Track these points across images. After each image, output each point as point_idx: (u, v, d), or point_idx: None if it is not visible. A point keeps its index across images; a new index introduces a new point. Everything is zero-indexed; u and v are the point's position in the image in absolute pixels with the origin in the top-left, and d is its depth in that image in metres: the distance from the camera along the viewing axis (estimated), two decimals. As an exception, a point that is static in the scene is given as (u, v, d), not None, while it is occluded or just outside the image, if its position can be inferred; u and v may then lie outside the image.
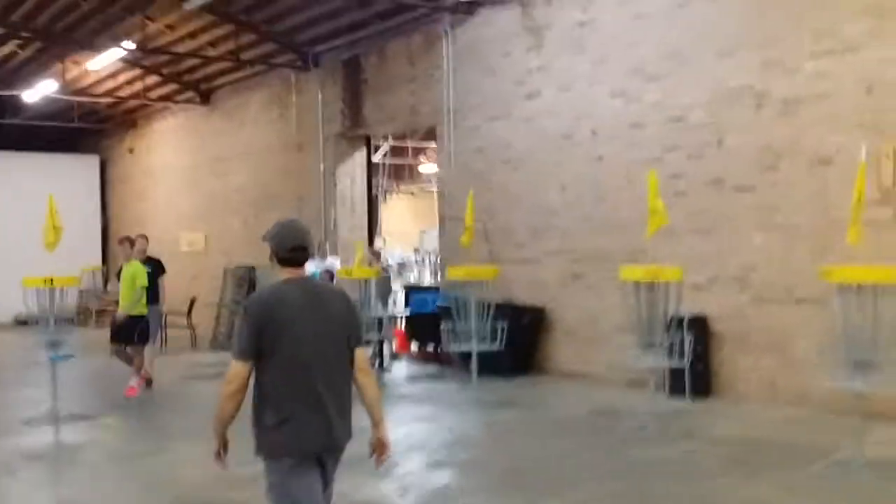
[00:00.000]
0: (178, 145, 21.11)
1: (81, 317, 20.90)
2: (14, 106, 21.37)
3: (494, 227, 12.16)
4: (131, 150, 23.15)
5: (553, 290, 11.39)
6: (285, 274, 3.81)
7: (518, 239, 11.96)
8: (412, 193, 28.65)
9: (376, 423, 3.91)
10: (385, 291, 12.33)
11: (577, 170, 11.09)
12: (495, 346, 9.55)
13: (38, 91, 19.02)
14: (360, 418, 3.85)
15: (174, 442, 8.04)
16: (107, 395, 10.15)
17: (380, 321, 11.30)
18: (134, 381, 10.14)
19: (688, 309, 8.28)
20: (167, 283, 11.90)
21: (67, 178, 23.17)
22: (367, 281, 11.48)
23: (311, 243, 3.94)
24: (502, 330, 9.58)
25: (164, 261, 11.97)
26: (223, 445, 3.82)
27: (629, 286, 8.28)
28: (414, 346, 13.54)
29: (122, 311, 10.29)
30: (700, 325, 9.26)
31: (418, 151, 23.41)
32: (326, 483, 3.80)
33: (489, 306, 9.75)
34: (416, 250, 23.59)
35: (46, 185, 23.16)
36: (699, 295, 9.27)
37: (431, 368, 12.50)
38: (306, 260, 3.87)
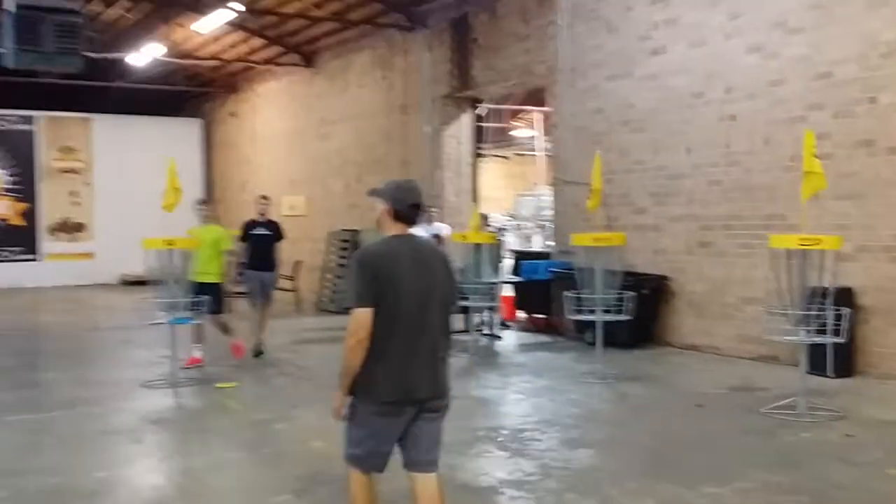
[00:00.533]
0: (281, 109, 21.05)
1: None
2: (119, 69, 21.63)
3: (612, 191, 11.60)
4: (233, 114, 23.25)
5: (676, 258, 10.82)
6: (395, 230, 3.92)
7: (639, 204, 11.39)
8: (506, 157, 28.16)
9: None
10: (496, 257, 11.92)
11: (706, 131, 10.43)
12: (622, 316, 9.06)
13: (145, 54, 19.16)
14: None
15: (296, 409, 7.83)
16: (222, 360, 10.05)
17: (491, 287, 10.88)
18: (236, 340, 10.11)
19: (833, 280, 7.65)
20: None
21: (170, 141, 23.42)
22: (478, 246, 11.09)
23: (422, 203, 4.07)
24: (629, 299, 9.08)
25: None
26: (343, 403, 3.89)
27: (768, 255, 7.69)
28: (522, 314, 13.15)
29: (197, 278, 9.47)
30: (845, 298, 8.58)
31: (514, 114, 22.86)
32: (421, 429, 3.89)
33: (615, 274, 9.26)
34: (512, 216, 23.04)
35: (149, 147, 23.61)
36: (845, 265, 8.57)
37: (542, 337, 12.10)
38: (417, 219, 4.01)
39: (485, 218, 13.66)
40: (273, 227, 10.93)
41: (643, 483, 5.53)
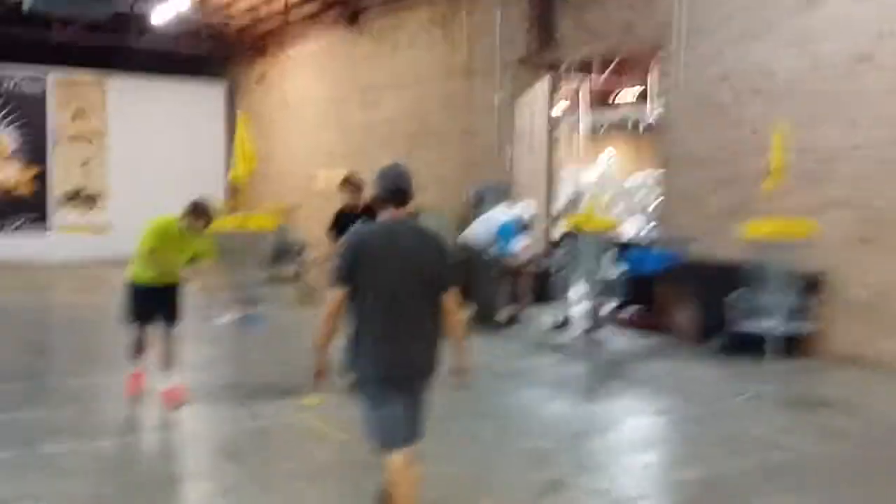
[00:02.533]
0: (318, 73, 19.22)
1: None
2: (140, 27, 19.79)
3: (740, 171, 9.90)
4: (261, 79, 21.40)
5: (832, 253, 9.10)
6: (386, 215, 4.10)
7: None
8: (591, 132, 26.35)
9: (458, 353, 4.25)
10: (612, 247, 10.22)
11: (873, 102, 8.70)
12: (803, 327, 7.37)
13: (170, 9, 17.35)
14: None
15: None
16: (290, 365, 8.36)
17: (611, 281, 9.15)
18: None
19: None
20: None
21: (192, 106, 21.70)
22: (594, 234, 9.38)
23: (411, 188, 4.13)
24: (804, 304, 7.38)
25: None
26: (322, 368, 4.16)
27: None
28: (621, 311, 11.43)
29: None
30: None
31: (604, 82, 21.15)
32: (415, 403, 4.13)
33: (788, 274, 7.56)
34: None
35: (169, 112, 21.79)
36: None
37: (646, 340, 10.41)
38: (406, 201, 4.11)
39: (574, 201, 11.99)
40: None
41: None
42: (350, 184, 7.81)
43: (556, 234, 13.95)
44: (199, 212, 6.92)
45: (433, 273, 4.07)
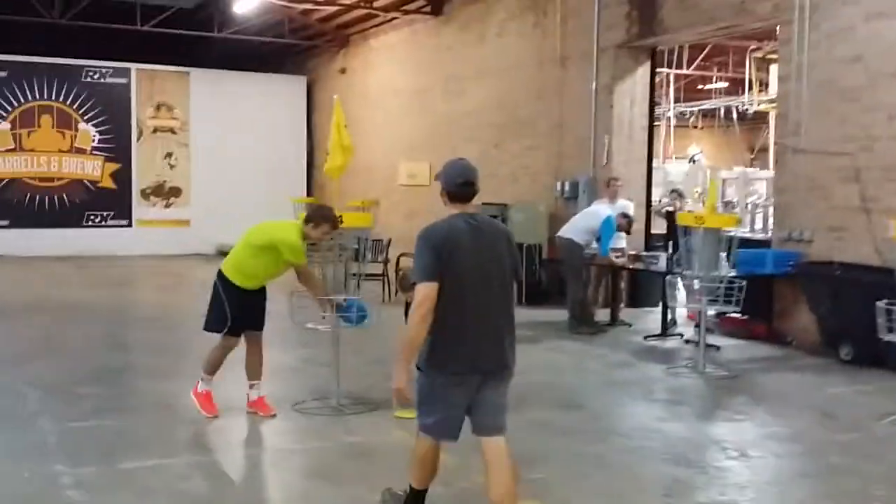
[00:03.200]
0: (400, 64, 18.67)
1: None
2: (222, 19, 19.56)
3: (873, 163, 8.96)
4: (343, 71, 20.95)
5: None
6: (453, 209, 4.07)
7: (916, 181, 8.71)
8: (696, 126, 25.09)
9: None
10: (730, 245, 9.35)
11: None
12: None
13: (252, 1, 17.01)
14: None
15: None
16: (387, 369, 7.79)
17: (731, 283, 8.27)
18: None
19: None
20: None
21: (273, 100, 21.42)
22: (689, 231, 8.53)
23: (478, 181, 4.11)
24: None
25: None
26: (403, 383, 3.99)
27: None
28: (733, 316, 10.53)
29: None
30: None
31: (703, 69, 20.21)
32: (486, 396, 4.03)
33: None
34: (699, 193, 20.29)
35: (250, 106, 21.52)
36: None
37: (760, 347, 9.54)
38: (472, 196, 4.08)
39: (678, 194, 11.16)
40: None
41: None
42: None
43: (656, 230, 13.14)
44: (326, 218, 6.27)
45: (507, 266, 4.08)
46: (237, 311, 6.27)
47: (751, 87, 23.33)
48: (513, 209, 13.43)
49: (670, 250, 10.11)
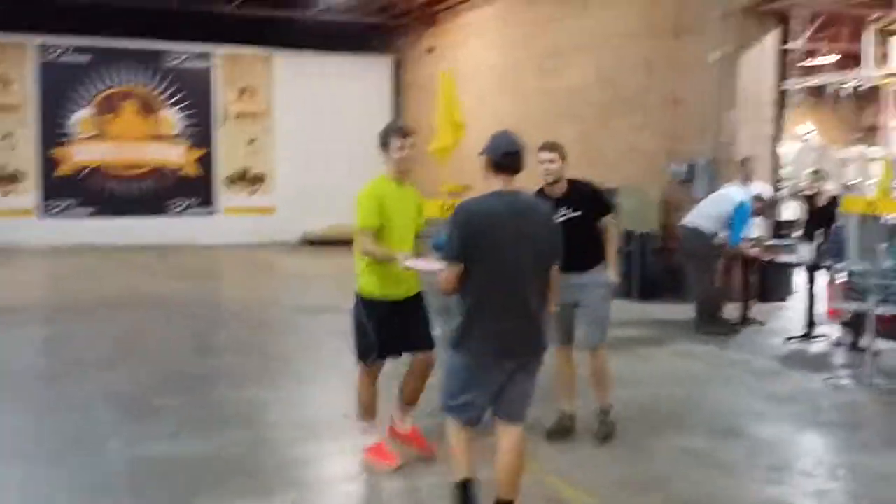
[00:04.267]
0: (491, 40, 17.58)
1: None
2: (304, 1, 18.77)
3: None
4: (431, 50, 19.96)
5: None
6: (497, 184, 3.86)
7: None
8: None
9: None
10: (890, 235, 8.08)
11: None
12: None
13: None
14: None
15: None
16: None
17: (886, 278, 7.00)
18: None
19: None
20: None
21: (358, 82, 20.58)
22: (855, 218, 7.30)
23: (524, 156, 3.89)
24: None
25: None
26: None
27: None
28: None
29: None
30: None
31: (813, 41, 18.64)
32: (515, 383, 3.90)
33: None
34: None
35: (335, 89, 20.67)
36: None
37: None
38: (519, 169, 3.86)
39: (820, 176, 9.86)
40: None
41: None
42: None
43: (788, 215, 11.84)
44: (387, 132, 4.88)
45: (545, 249, 3.91)
46: (385, 332, 4.92)
47: (865, 62, 21.54)
48: (621, 194, 12.25)
49: (815, 239, 8.89)
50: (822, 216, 9.26)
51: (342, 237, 19.54)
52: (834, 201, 9.31)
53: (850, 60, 23.12)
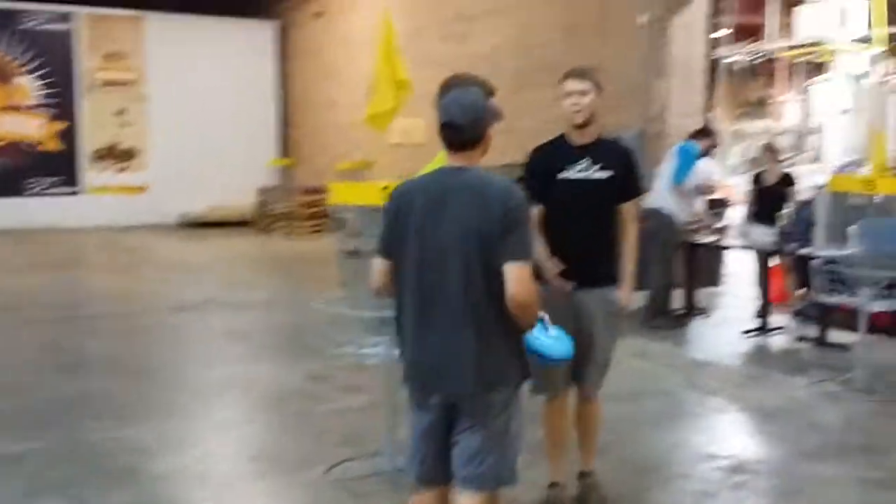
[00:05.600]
0: (389, 3, 16.16)
1: (262, 222, 16.89)
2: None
3: None
4: (319, 14, 18.39)
5: None
6: (448, 159, 2.95)
7: None
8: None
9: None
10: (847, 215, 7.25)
11: None
12: None
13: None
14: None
15: None
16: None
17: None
18: None
19: None
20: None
21: (240, 48, 18.83)
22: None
23: (471, 121, 2.86)
24: None
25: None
26: None
27: None
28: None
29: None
30: None
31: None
32: (455, 432, 2.88)
33: None
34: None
35: (215, 55, 18.78)
36: None
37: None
38: (457, 142, 2.88)
39: (772, 150, 9.01)
40: None
41: None
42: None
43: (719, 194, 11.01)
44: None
45: (490, 244, 2.77)
46: None
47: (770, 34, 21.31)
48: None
49: (773, 221, 8.04)
50: (772, 196, 8.42)
51: (224, 218, 18.38)
52: (786, 179, 8.47)
53: (744, 33, 22.86)
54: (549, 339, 3.05)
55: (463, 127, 2.87)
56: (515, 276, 2.75)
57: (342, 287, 5.29)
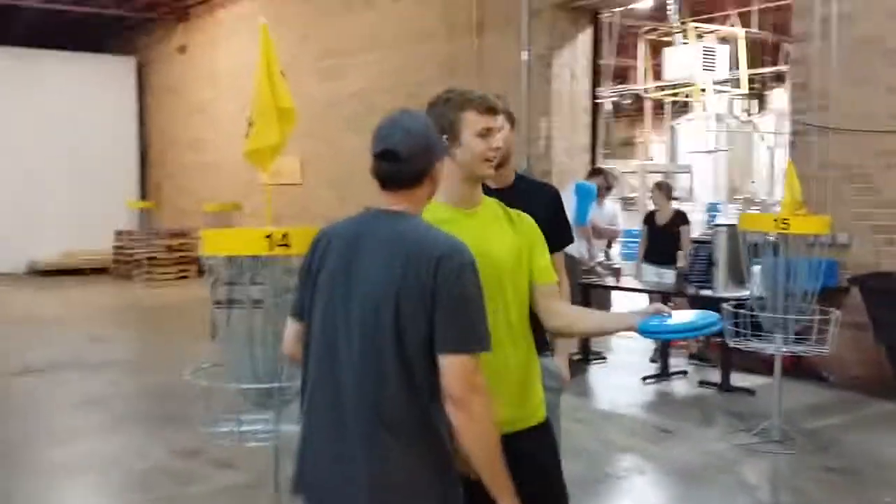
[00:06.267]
0: (258, 38, 15.45)
1: (122, 268, 15.74)
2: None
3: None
4: (182, 49, 17.47)
5: None
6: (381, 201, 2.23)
7: None
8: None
9: None
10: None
11: None
12: None
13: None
14: None
15: None
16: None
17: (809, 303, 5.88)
18: None
19: None
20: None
21: (95, 85, 17.65)
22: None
23: (419, 150, 2.16)
24: None
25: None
26: None
27: None
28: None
29: None
30: None
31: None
32: None
33: None
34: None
35: (68, 92, 17.61)
36: None
37: (795, 387, 7.25)
38: (393, 176, 2.17)
39: (666, 188, 8.82)
40: None
41: None
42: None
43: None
44: None
45: (413, 322, 2.02)
46: None
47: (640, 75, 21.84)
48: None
49: (671, 261, 7.81)
50: (665, 235, 8.22)
51: (78, 265, 17.00)
52: (679, 218, 8.28)
53: (612, 75, 23.32)
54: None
55: (405, 157, 2.16)
56: (455, 374, 2.00)
57: (214, 341, 4.60)
